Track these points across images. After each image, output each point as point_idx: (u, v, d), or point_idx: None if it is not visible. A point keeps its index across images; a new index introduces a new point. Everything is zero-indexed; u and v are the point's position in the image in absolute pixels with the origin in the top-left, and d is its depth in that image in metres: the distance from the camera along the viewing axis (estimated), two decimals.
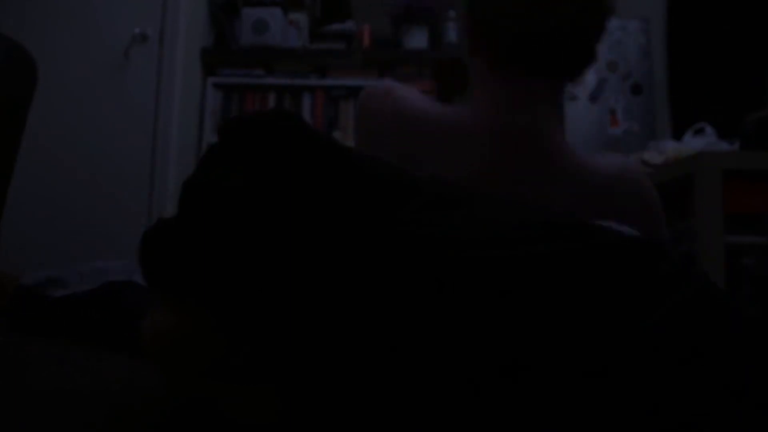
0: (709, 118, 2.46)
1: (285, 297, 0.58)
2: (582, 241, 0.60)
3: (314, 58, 3.07)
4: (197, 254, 0.59)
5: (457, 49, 2.93)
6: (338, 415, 0.58)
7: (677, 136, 3.08)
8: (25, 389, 0.78)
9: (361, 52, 3.06)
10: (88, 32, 2.68)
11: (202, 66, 3.05)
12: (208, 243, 0.59)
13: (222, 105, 3.05)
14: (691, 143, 2.09)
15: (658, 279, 0.59)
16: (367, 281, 0.57)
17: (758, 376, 0.54)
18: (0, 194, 1.19)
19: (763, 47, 2.77)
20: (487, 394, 0.56)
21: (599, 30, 0.88)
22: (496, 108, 0.87)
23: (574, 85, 1.10)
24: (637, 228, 0.78)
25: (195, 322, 0.59)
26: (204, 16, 3.07)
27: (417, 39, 3.10)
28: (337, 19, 3.22)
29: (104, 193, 2.60)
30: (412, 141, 0.88)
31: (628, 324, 0.55)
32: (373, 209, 0.62)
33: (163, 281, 0.62)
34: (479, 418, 0.56)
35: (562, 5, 0.84)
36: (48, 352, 1.06)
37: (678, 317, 0.56)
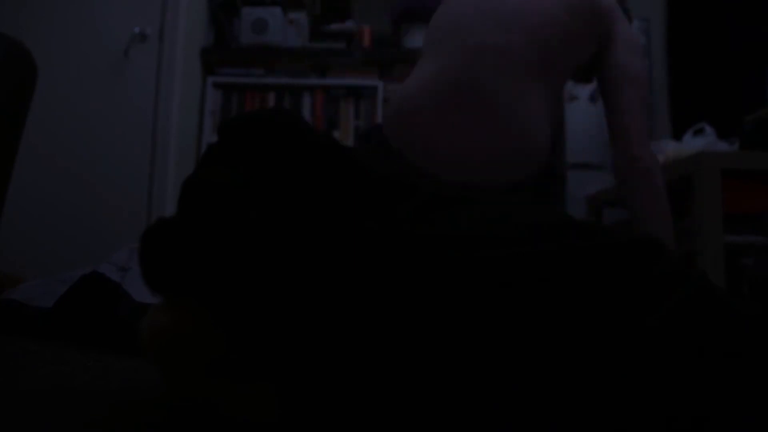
0: (708, 118, 2.46)
1: (284, 296, 0.58)
2: (583, 241, 0.60)
3: (314, 57, 3.06)
4: (197, 253, 0.59)
5: None
6: (337, 415, 0.58)
7: (677, 136, 3.09)
8: (24, 388, 0.78)
9: (361, 52, 3.06)
10: (88, 31, 2.68)
11: (201, 65, 3.05)
12: (208, 242, 0.58)
13: (222, 104, 3.04)
14: (691, 143, 2.09)
15: (659, 278, 0.59)
16: (365, 280, 0.57)
17: (759, 374, 0.54)
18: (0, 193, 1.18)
19: (763, 47, 2.77)
20: (488, 392, 0.56)
21: None
22: None
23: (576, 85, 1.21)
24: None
25: (194, 321, 0.59)
26: (204, 16, 3.07)
27: (417, 39, 3.10)
28: (337, 18, 3.22)
29: (103, 193, 2.59)
30: None
31: (630, 323, 0.55)
32: (371, 208, 0.62)
33: (163, 280, 0.62)
34: (479, 417, 0.56)
35: None
36: (46, 352, 1.06)
37: (680, 316, 0.56)
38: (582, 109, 3.27)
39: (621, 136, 1.12)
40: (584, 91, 3.29)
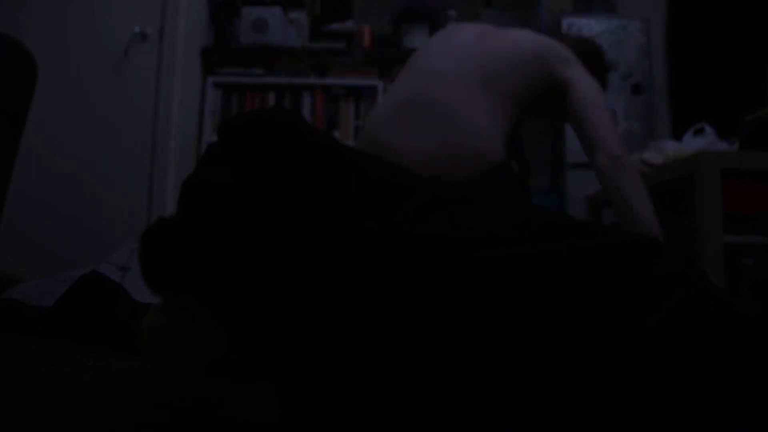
0: (708, 118, 2.46)
1: (284, 296, 0.58)
2: (583, 241, 0.60)
3: (314, 57, 3.06)
4: (197, 253, 0.59)
5: None
6: (337, 415, 0.58)
7: (677, 136, 3.08)
8: (24, 388, 0.78)
9: (361, 52, 3.06)
10: (88, 31, 2.68)
11: (201, 65, 3.05)
12: (208, 242, 0.58)
13: (222, 104, 3.05)
14: (691, 143, 2.08)
15: (659, 278, 0.59)
16: (365, 280, 0.57)
17: (759, 375, 0.54)
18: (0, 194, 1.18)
19: (763, 47, 2.77)
20: (488, 392, 0.56)
21: None
22: None
23: None
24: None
25: (194, 320, 0.59)
26: (204, 15, 3.07)
27: (417, 39, 3.10)
28: (337, 18, 3.22)
29: (103, 193, 2.59)
30: None
31: (630, 323, 0.55)
32: (371, 208, 0.62)
33: (163, 280, 0.62)
34: (479, 417, 0.56)
35: None
36: (46, 352, 1.06)
37: (679, 316, 0.56)
38: None
39: (598, 143, 1.25)
40: None
